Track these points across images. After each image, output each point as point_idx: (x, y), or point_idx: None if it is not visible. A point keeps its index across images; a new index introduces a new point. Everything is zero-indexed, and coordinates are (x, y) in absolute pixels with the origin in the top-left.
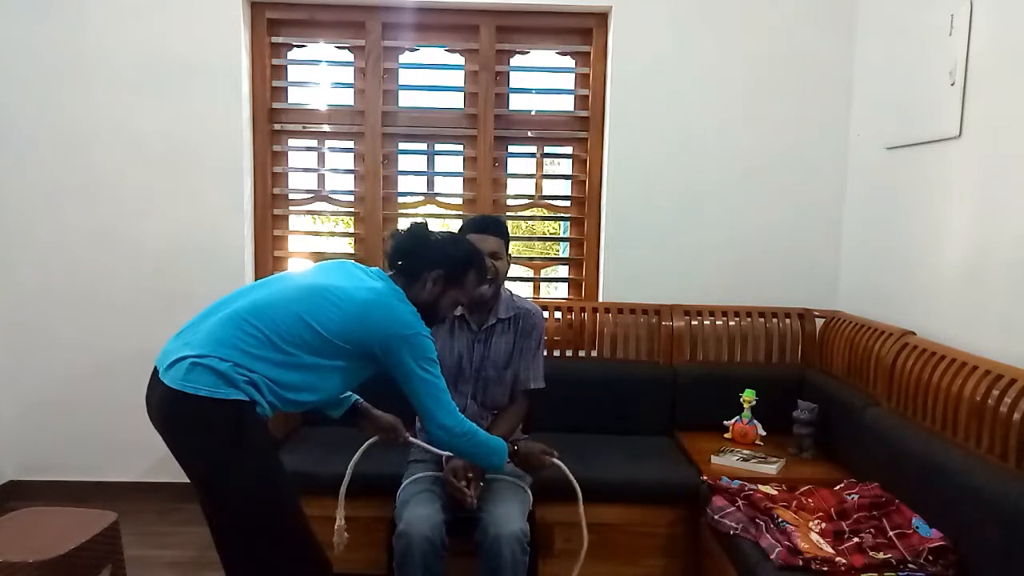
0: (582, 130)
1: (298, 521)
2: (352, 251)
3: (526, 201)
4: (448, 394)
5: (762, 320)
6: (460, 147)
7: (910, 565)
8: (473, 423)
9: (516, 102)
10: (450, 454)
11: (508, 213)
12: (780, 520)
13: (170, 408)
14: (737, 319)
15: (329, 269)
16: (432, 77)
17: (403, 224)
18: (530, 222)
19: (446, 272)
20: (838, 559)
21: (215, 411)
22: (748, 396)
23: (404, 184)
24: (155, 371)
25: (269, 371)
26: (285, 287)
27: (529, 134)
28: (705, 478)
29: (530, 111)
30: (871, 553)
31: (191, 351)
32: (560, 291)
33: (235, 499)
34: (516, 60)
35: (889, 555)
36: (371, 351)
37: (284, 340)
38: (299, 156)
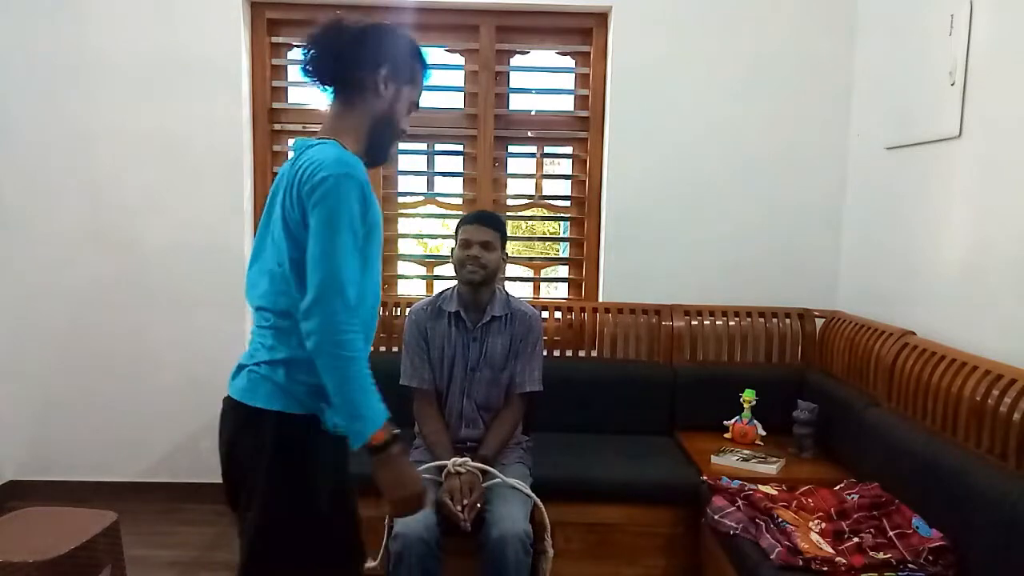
0: (582, 130)
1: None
2: None
3: (526, 201)
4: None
5: (762, 320)
6: (460, 147)
7: (910, 565)
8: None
9: (516, 102)
10: (452, 463)
11: (508, 213)
12: (780, 520)
13: (235, 425)
14: (737, 319)
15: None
16: (432, 77)
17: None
18: (530, 222)
19: (393, 66)
20: (838, 559)
21: (269, 425)
22: (748, 396)
23: (404, 184)
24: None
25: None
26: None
27: (529, 134)
28: (705, 478)
29: (530, 111)
30: (871, 553)
31: (250, 359)
32: (560, 291)
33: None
34: (516, 60)
35: (889, 555)
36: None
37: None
38: None
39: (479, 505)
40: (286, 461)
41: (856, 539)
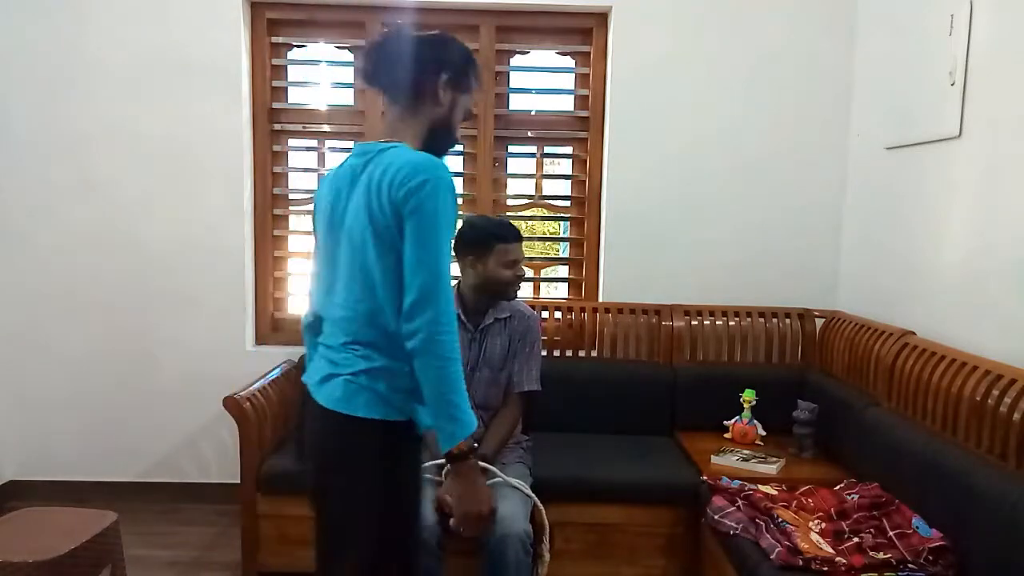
0: (582, 130)
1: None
2: None
3: (526, 201)
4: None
5: (762, 320)
6: (460, 147)
7: (910, 565)
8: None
9: (516, 102)
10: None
11: (508, 213)
12: (780, 520)
13: (330, 432)
14: (737, 319)
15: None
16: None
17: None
18: (530, 222)
19: (452, 74)
20: (838, 559)
21: (371, 432)
22: (748, 396)
23: None
24: (304, 386)
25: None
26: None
27: (529, 134)
28: (705, 478)
29: (530, 111)
30: (871, 553)
31: (339, 369)
32: (560, 291)
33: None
34: (516, 60)
35: (889, 555)
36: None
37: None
38: (299, 156)
39: None
40: (389, 466)
41: (856, 539)
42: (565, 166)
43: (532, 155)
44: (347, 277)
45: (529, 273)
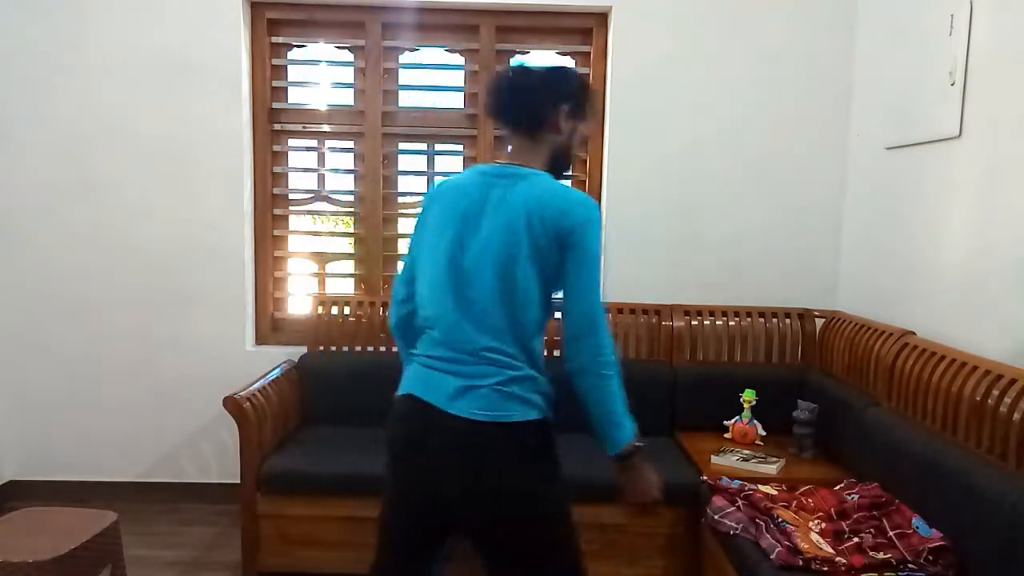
0: None
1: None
2: (352, 251)
3: None
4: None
5: (762, 320)
6: (460, 147)
7: (910, 565)
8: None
9: None
10: None
11: None
12: (780, 520)
13: (480, 440)
14: (737, 319)
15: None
16: (432, 77)
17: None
18: None
19: (572, 105)
20: (838, 559)
21: (530, 433)
22: (748, 396)
23: (404, 184)
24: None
25: (535, 347)
26: (486, 267)
27: None
28: (705, 478)
29: None
30: (871, 553)
31: (480, 381)
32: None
33: (549, 532)
34: (516, 60)
35: (889, 555)
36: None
37: (527, 311)
38: (299, 156)
39: None
40: (549, 459)
41: (856, 539)
42: None
43: None
44: (485, 287)
45: None
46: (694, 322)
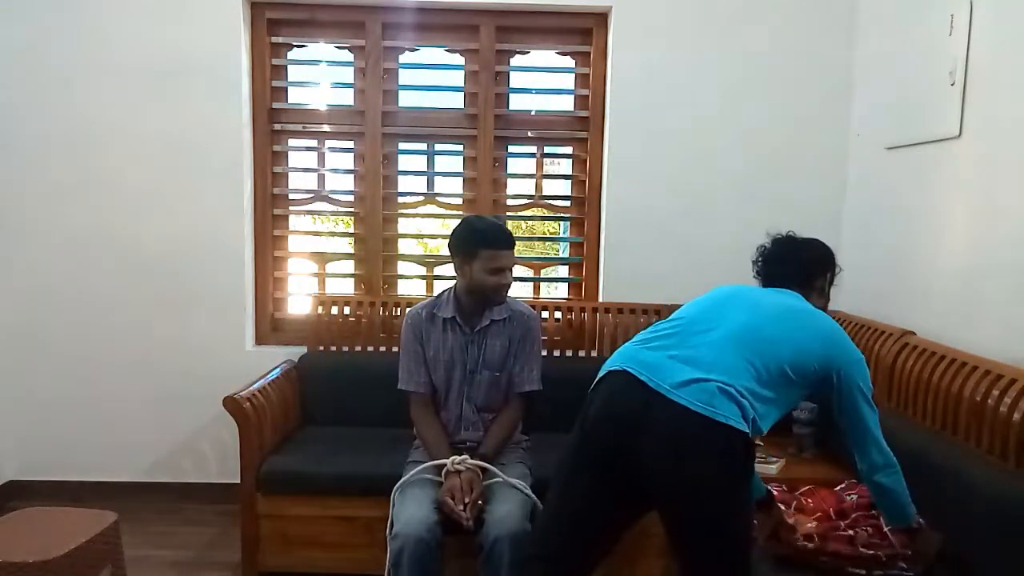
0: (582, 130)
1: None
2: (352, 251)
3: (526, 201)
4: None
5: None
6: (460, 147)
7: (900, 564)
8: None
9: (516, 102)
10: (452, 461)
11: (508, 213)
12: None
13: (692, 431)
14: None
15: (768, 292)
16: (432, 77)
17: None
18: (530, 222)
19: (831, 273)
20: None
21: (739, 442)
22: None
23: (404, 184)
24: (641, 382)
25: (759, 407)
26: (763, 310)
27: (529, 134)
28: None
29: (530, 111)
30: (861, 549)
31: (711, 375)
32: (560, 291)
33: (728, 529)
34: (516, 60)
35: (877, 552)
36: (820, 380)
37: (769, 373)
38: (299, 156)
39: (480, 503)
40: (747, 470)
41: (850, 532)
42: (565, 166)
43: (532, 155)
44: (739, 343)
45: (529, 273)
46: None
